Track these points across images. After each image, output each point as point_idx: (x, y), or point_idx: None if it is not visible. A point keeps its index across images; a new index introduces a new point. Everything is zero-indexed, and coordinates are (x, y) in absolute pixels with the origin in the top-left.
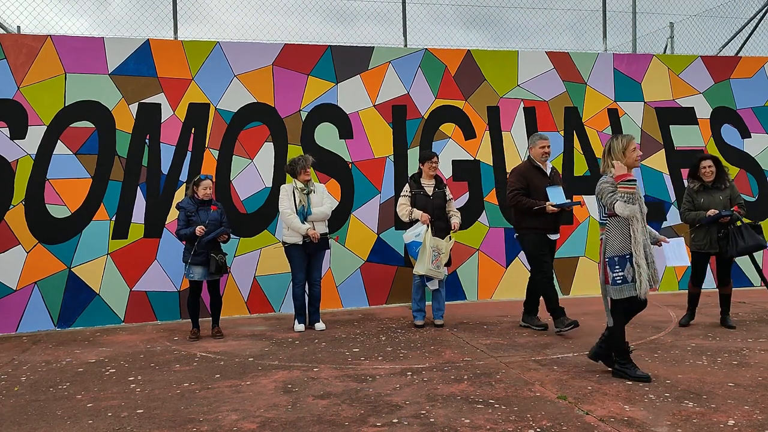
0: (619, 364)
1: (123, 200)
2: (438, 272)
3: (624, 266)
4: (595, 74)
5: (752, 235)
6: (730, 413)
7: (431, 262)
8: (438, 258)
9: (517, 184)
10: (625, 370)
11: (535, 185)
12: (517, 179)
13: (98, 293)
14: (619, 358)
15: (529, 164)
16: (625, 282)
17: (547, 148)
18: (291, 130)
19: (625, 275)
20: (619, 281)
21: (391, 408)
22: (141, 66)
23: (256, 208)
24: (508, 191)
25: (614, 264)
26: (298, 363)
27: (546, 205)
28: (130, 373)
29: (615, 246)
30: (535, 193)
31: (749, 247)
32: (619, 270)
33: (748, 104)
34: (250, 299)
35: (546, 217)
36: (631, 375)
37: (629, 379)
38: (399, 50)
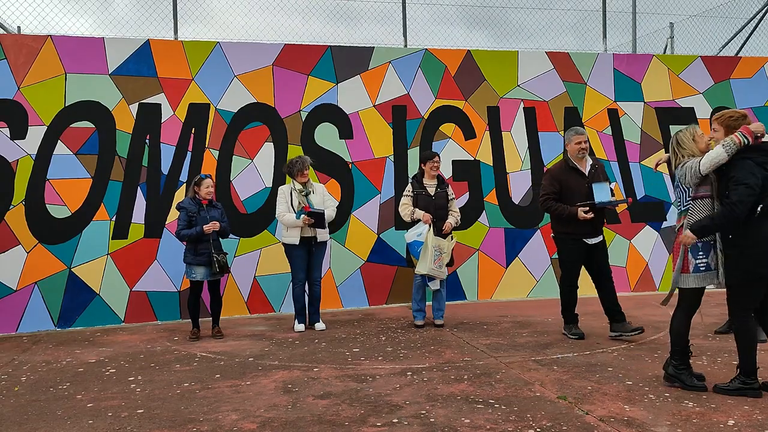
0: (674, 368)
1: (123, 200)
2: (440, 272)
3: (708, 253)
4: (595, 74)
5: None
6: (730, 413)
7: (433, 261)
8: (440, 257)
9: (549, 188)
10: (680, 376)
11: (570, 187)
12: (549, 182)
13: (98, 293)
14: (676, 360)
15: (565, 165)
16: (708, 269)
17: (584, 143)
18: (291, 130)
19: (708, 262)
20: (703, 268)
21: (391, 408)
22: (141, 66)
23: (256, 208)
24: (540, 195)
25: (698, 250)
26: (298, 363)
27: (578, 211)
28: (131, 373)
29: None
30: (570, 197)
31: None
32: (703, 256)
33: (748, 104)
34: (251, 299)
35: (582, 221)
36: (686, 384)
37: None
38: (399, 50)
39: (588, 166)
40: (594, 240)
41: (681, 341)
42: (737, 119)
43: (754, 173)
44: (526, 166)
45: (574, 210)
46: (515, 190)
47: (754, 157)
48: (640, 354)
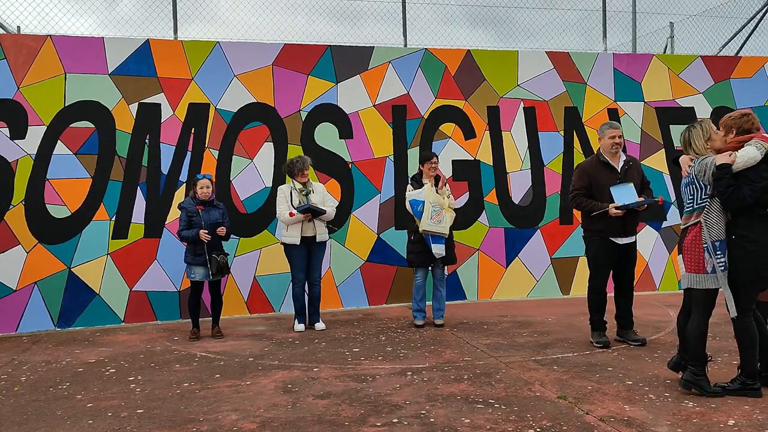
0: (691, 373)
1: (123, 200)
2: (440, 227)
3: (724, 251)
4: (595, 74)
5: None
6: (730, 413)
7: (431, 217)
8: (438, 213)
9: (578, 183)
10: (699, 383)
11: (600, 184)
12: (579, 177)
13: (98, 293)
14: (694, 366)
15: (596, 159)
16: (726, 269)
17: (618, 138)
18: (291, 130)
19: (725, 261)
20: (723, 267)
21: (391, 408)
22: (141, 66)
23: (256, 208)
24: (569, 191)
25: (716, 249)
26: (298, 363)
27: (609, 208)
28: (130, 373)
29: (718, 229)
30: (600, 193)
31: None
32: (721, 255)
33: (748, 104)
34: (250, 299)
35: (612, 220)
36: (707, 391)
37: (702, 394)
38: (399, 50)
39: (621, 162)
40: (624, 240)
41: (701, 346)
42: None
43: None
44: (526, 165)
45: (605, 206)
46: (515, 190)
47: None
48: (640, 354)
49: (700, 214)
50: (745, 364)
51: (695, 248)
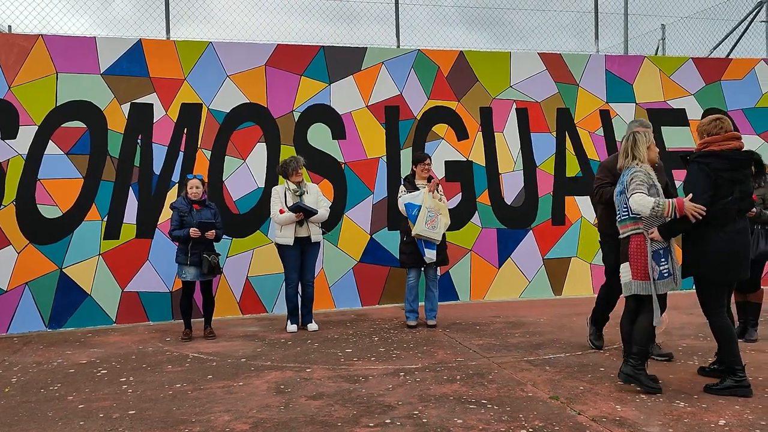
0: (632, 367)
1: (115, 200)
2: (433, 233)
3: (667, 258)
4: (587, 75)
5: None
6: (721, 413)
7: (425, 222)
8: (434, 219)
9: (602, 179)
10: (638, 377)
11: None
12: (603, 174)
13: (90, 294)
14: (635, 360)
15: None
16: (669, 275)
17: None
18: (284, 130)
19: (669, 267)
20: (666, 274)
21: (384, 408)
22: (133, 66)
23: (248, 208)
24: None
25: (660, 256)
26: (290, 363)
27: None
28: (122, 374)
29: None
30: None
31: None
32: (665, 262)
33: (739, 106)
34: (243, 300)
35: None
36: (645, 385)
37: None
38: (392, 51)
39: None
40: None
41: (647, 343)
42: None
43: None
44: (519, 166)
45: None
46: (508, 191)
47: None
48: None
49: (636, 223)
50: (727, 359)
51: (640, 256)
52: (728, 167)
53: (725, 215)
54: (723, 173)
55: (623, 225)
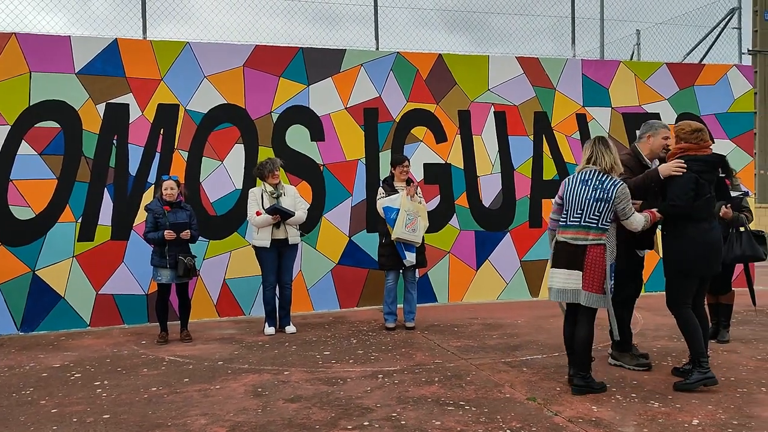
0: (581, 378)
1: (89, 202)
2: (413, 236)
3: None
4: (564, 80)
5: (752, 244)
6: (695, 413)
7: (405, 225)
8: (413, 222)
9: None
10: (590, 384)
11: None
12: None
13: (63, 296)
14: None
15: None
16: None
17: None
18: (262, 131)
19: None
20: (611, 290)
21: (362, 411)
22: (108, 65)
23: (226, 210)
24: None
25: (612, 271)
26: (268, 366)
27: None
28: (96, 377)
29: (614, 253)
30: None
31: (745, 256)
32: (613, 278)
33: (712, 110)
34: (220, 302)
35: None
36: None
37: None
38: (371, 53)
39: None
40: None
41: (589, 354)
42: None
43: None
44: (497, 169)
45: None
46: (486, 194)
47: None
48: (606, 356)
49: (601, 234)
50: (693, 352)
51: (598, 268)
52: (706, 169)
53: (705, 211)
54: (703, 175)
55: (584, 231)
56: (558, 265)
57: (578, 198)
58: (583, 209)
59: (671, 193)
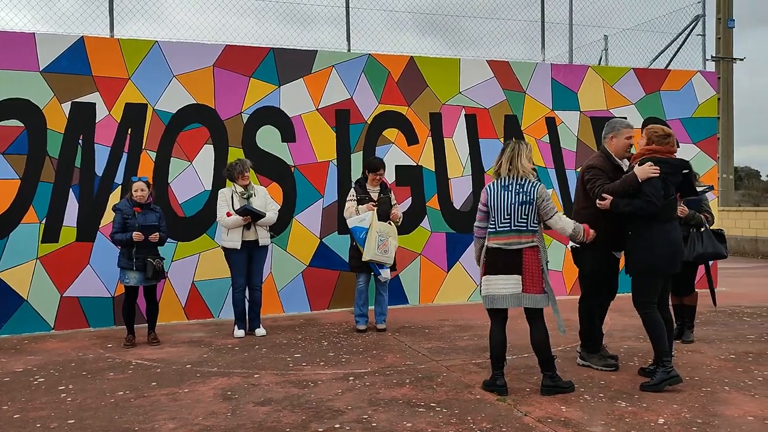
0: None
1: (54, 203)
2: (386, 257)
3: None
4: (534, 83)
5: (712, 241)
6: (660, 412)
7: (377, 247)
8: (385, 242)
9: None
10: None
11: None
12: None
13: (26, 299)
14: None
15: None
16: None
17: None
18: (232, 132)
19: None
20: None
21: (333, 413)
22: (75, 64)
23: (194, 211)
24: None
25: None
26: (237, 369)
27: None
28: (61, 382)
29: (545, 252)
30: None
31: (706, 254)
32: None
33: (677, 115)
34: (188, 305)
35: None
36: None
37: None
38: (342, 54)
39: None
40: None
41: (550, 351)
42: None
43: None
44: (467, 172)
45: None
46: (456, 196)
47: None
48: (573, 356)
49: (533, 236)
50: (657, 351)
51: (535, 270)
52: (671, 171)
53: (670, 213)
54: (668, 177)
55: (515, 235)
56: (494, 272)
57: (503, 204)
58: (510, 214)
59: (648, 190)
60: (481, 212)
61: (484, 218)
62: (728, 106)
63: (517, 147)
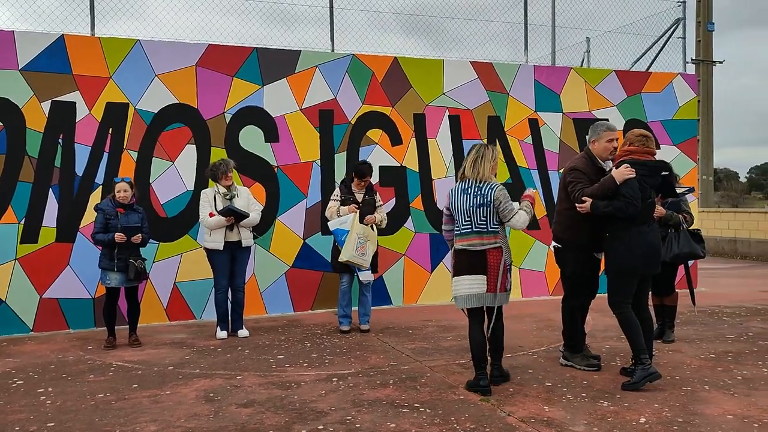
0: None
1: (33, 203)
2: (363, 260)
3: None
4: (517, 85)
5: (689, 242)
6: (642, 411)
7: (355, 249)
8: (363, 246)
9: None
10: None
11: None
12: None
13: (4, 300)
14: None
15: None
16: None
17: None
18: (214, 132)
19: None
20: (509, 287)
21: (317, 414)
22: (55, 62)
23: (176, 211)
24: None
25: (508, 270)
26: (220, 371)
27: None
28: (40, 384)
29: (509, 252)
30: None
31: (682, 254)
32: (510, 276)
33: (658, 117)
34: (170, 306)
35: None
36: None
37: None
38: (326, 55)
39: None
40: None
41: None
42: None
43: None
44: (451, 172)
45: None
46: (440, 196)
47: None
48: (557, 356)
49: (495, 237)
50: (634, 350)
51: (499, 270)
52: (648, 173)
53: (647, 215)
54: (645, 179)
55: (477, 237)
56: (460, 273)
57: (463, 207)
58: (470, 216)
59: (626, 192)
60: (445, 215)
61: (449, 221)
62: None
63: (482, 150)
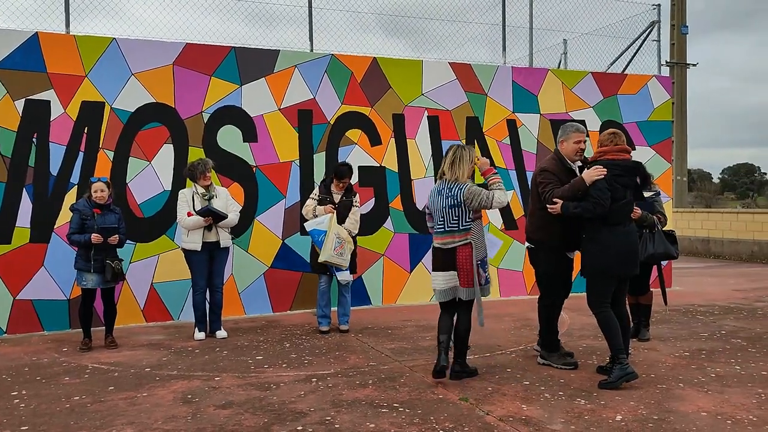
0: (459, 365)
1: (6, 203)
2: (341, 260)
3: (485, 267)
4: (495, 86)
5: (663, 242)
6: (618, 409)
7: (333, 249)
8: (341, 245)
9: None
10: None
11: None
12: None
13: None
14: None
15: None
16: (488, 282)
17: (584, 143)
18: (192, 131)
19: (488, 275)
20: (486, 282)
21: (296, 415)
22: (28, 60)
23: (153, 212)
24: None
25: (484, 265)
26: (198, 372)
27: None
28: (14, 387)
29: (481, 248)
30: None
31: (657, 255)
32: (484, 271)
33: (633, 119)
34: (147, 307)
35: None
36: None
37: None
38: (305, 54)
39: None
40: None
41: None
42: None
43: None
44: (430, 173)
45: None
46: (419, 197)
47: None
48: (536, 355)
49: (465, 234)
50: (612, 349)
51: (468, 266)
52: (621, 173)
53: (620, 215)
54: (617, 179)
55: (449, 236)
56: (436, 269)
57: (437, 207)
58: (443, 216)
59: (594, 193)
60: (426, 214)
61: (431, 218)
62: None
63: (459, 152)
